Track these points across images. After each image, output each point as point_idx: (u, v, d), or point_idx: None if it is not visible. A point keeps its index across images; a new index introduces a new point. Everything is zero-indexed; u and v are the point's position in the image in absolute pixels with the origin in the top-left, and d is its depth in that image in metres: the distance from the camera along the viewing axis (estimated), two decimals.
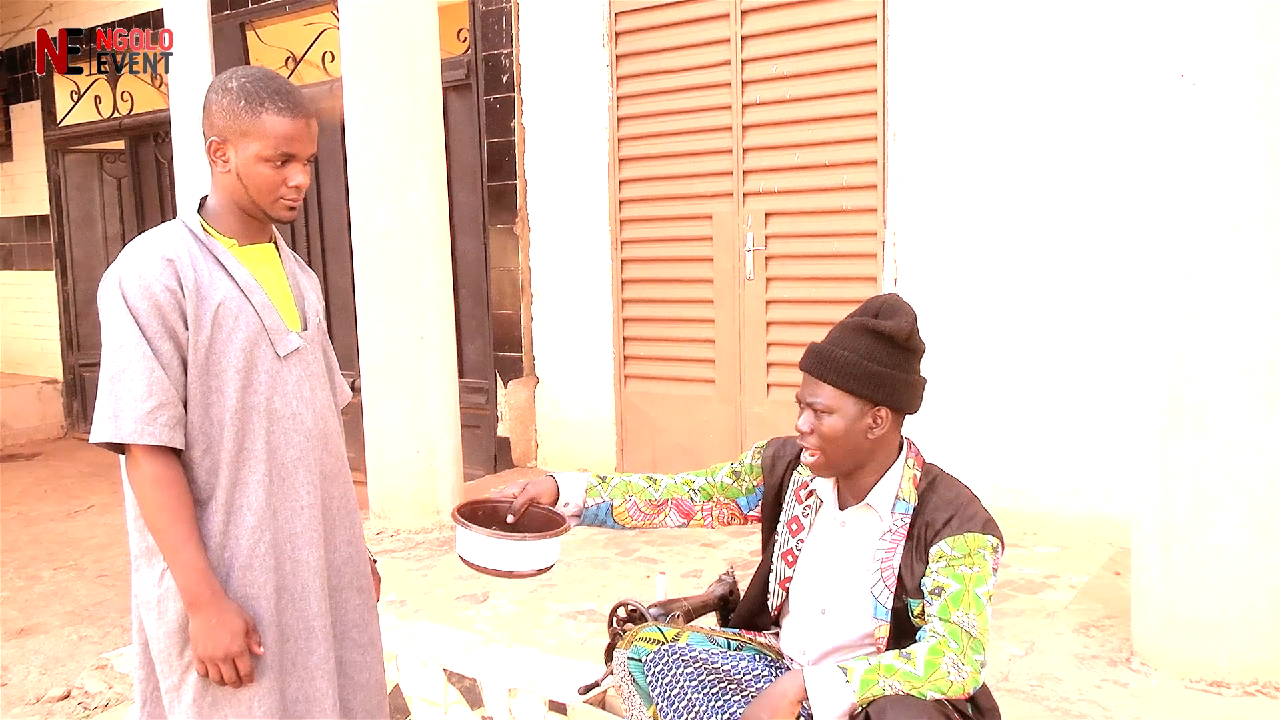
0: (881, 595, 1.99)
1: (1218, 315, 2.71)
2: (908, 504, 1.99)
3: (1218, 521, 2.76)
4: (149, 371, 1.78)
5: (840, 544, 2.06)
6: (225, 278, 1.87)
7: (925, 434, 4.22)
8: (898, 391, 1.96)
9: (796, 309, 4.66)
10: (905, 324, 1.96)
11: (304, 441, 1.94)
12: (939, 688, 1.82)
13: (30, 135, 8.86)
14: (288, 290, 1.99)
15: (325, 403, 2.01)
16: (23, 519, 6.00)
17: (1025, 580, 3.60)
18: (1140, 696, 2.76)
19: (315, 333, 2.01)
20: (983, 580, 1.90)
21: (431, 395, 4.49)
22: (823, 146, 4.53)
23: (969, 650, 1.84)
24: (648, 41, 5.01)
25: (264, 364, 1.89)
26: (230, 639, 1.79)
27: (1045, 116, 4.00)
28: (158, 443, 1.79)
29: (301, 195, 1.91)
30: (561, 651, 3.20)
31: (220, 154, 1.87)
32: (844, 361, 1.94)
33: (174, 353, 1.82)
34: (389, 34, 4.33)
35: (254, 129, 1.84)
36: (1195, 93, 2.69)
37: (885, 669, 1.83)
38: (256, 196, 1.88)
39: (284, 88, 1.89)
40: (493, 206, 5.65)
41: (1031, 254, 4.08)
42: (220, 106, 1.86)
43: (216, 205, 1.93)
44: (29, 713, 3.54)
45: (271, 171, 1.86)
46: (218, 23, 6.66)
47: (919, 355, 2.02)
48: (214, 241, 1.90)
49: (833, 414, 1.95)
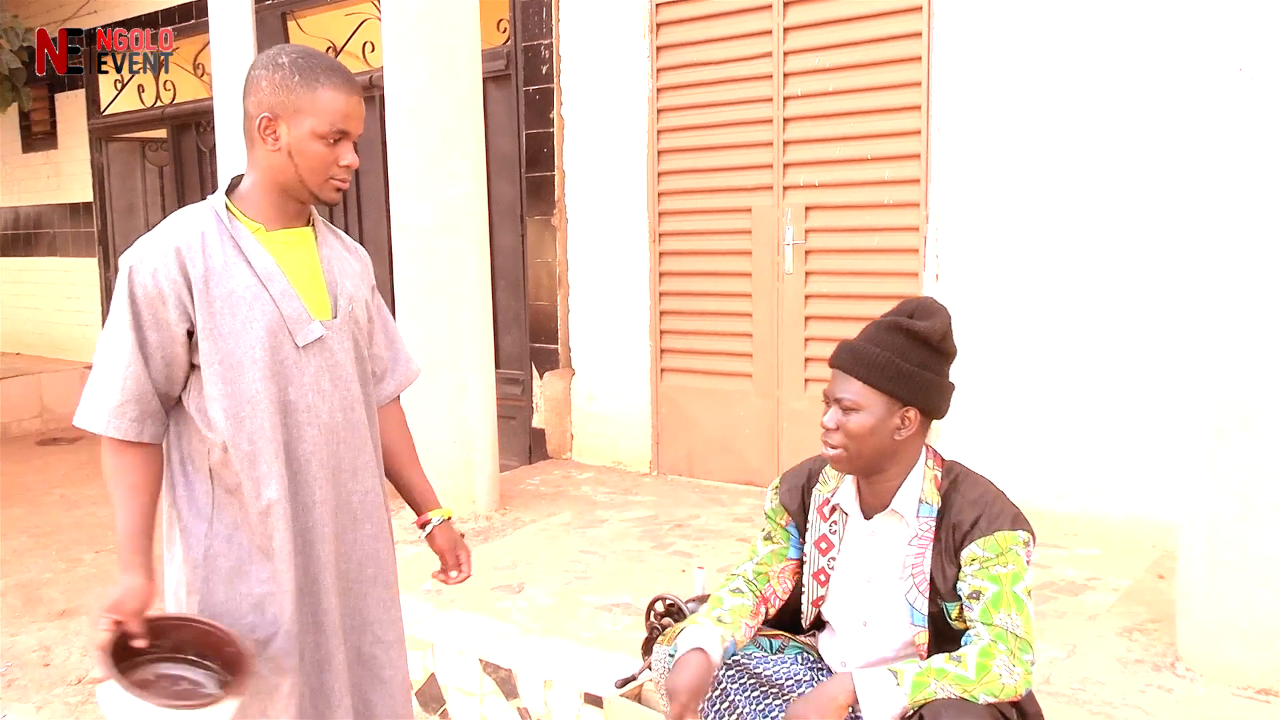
0: (916, 602, 1.97)
1: (1272, 319, 2.65)
2: (931, 506, 1.97)
3: (1267, 527, 2.70)
4: (126, 365, 1.79)
5: (871, 554, 2.04)
6: (243, 265, 1.82)
7: (967, 433, 4.19)
8: (928, 393, 1.94)
9: (836, 304, 4.62)
10: (940, 325, 1.95)
11: (318, 435, 1.89)
12: (991, 690, 1.79)
13: (74, 123, 8.99)
14: (319, 277, 1.91)
15: (347, 395, 1.94)
16: (65, 502, 6.09)
17: (1067, 582, 3.55)
18: (1185, 702, 2.72)
19: (344, 321, 1.93)
20: (1019, 577, 1.87)
21: (469, 387, 4.50)
22: (865, 140, 4.48)
23: (1018, 651, 1.82)
24: (689, 33, 4.98)
25: (281, 354, 1.84)
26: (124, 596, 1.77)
27: (1093, 111, 3.93)
28: (123, 438, 1.81)
29: (350, 175, 1.87)
30: (597, 644, 3.20)
31: (270, 130, 1.81)
32: (876, 358, 1.92)
33: (163, 344, 1.80)
34: (430, 24, 4.33)
35: (309, 104, 1.79)
36: (1254, 87, 2.62)
37: (936, 672, 1.81)
38: (307, 176, 1.83)
39: (336, 64, 1.86)
40: (530, 198, 5.65)
41: (1076, 253, 4.01)
42: (272, 82, 1.80)
43: (253, 187, 1.87)
44: (71, 693, 3.59)
45: (325, 149, 1.81)
46: (260, 12, 6.71)
47: (950, 359, 2.00)
48: (238, 225, 1.85)
49: (861, 411, 1.93)
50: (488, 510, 4.60)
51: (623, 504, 4.76)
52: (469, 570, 2.16)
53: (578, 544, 4.18)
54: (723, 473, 5.06)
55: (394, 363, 2.14)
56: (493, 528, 4.44)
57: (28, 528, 5.57)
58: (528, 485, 5.14)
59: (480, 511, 4.57)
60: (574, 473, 5.36)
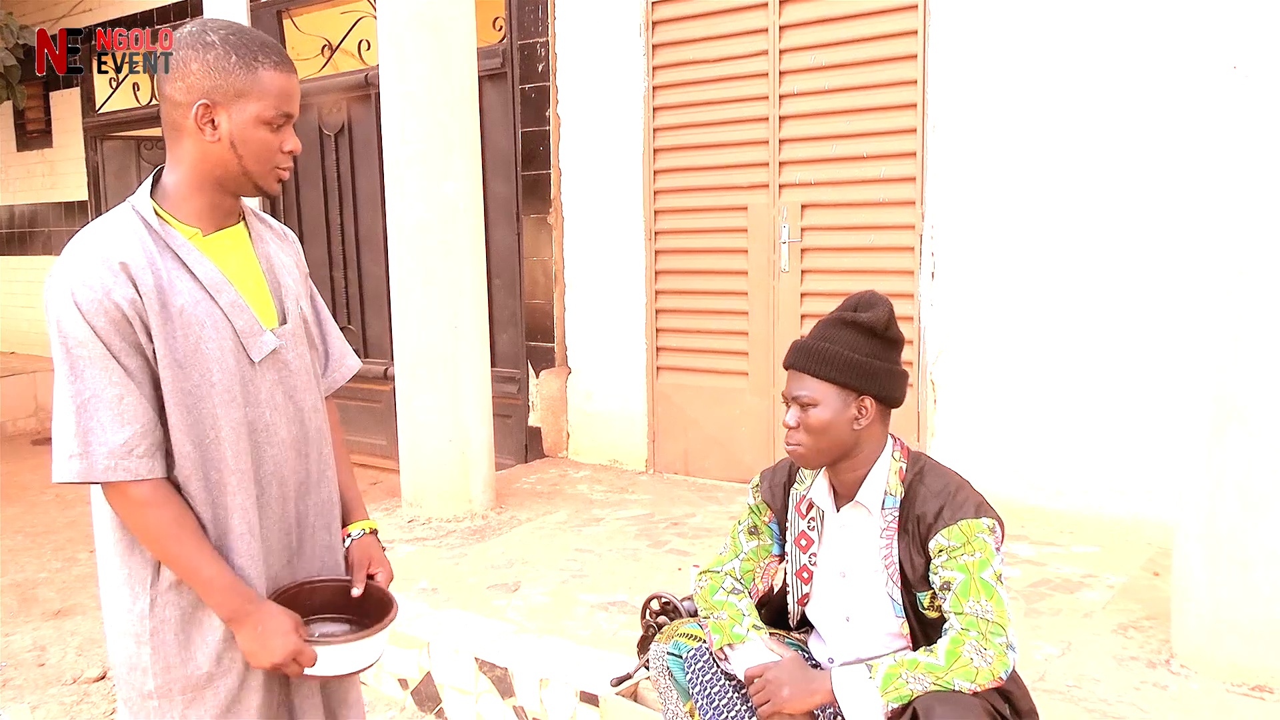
0: (894, 593, 2.00)
1: (1269, 314, 2.65)
2: (895, 498, 2.00)
3: (1266, 524, 2.70)
4: (118, 398, 1.57)
5: (844, 547, 2.06)
6: (187, 277, 1.64)
7: (963, 431, 4.19)
8: (880, 380, 1.99)
9: (832, 302, 4.54)
10: (882, 314, 2.01)
11: (277, 454, 1.75)
12: (966, 676, 1.81)
13: (70, 122, 8.97)
14: (262, 281, 1.76)
15: (304, 405, 1.80)
16: (60, 501, 6.08)
17: (1062, 579, 3.55)
18: (1180, 699, 2.72)
19: (295, 325, 1.79)
20: (987, 564, 1.89)
21: (465, 385, 4.50)
22: (861, 138, 4.48)
23: (990, 635, 1.83)
24: (685, 31, 4.98)
25: (238, 373, 1.68)
26: (283, 641, 1.65)
27: (1089, 109, 3.93)
28: (134, 478, 1.58)
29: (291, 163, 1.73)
30: (593, 642, 3.19)
31: (207, 119, 1.62)
32: (825, 353, 1.98)
33: (143, 369, 1.60)
34: (426, 22, 4.32)
35: (252, 88, 1.62)
36: (1248, 85, 2.62)
37: (909, 664, 1.84)
38: (252, 166, 1.66)
39: (270, 40, 1.69)
40: (527, 196, 5.64)
41: (1072, 249, 4.02)
42: (205, 64, 1.61)
43: (181, 185, 1.67)
44: (66, 693, 3.59)
45: (270, 135, 1.65)
46: (255, 10, 6.71)
47: (899, 346, 2.06)
48: (172, 233, 1.65)
49: (818, 406, 1.97)
50: (484, 509, 4.60)
51: (619, 502, 4.76)
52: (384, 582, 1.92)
53: (574, 542, 4.18)
54: (719, 471, 5.06)
55: (329, 358, 1.96)
56: (489, 526, 4.44)
57: (23, 527, 5.56)
58: (524, 484, 5.14)
59: (476, 510, 4.57)
60: (570, 471, 5.36)
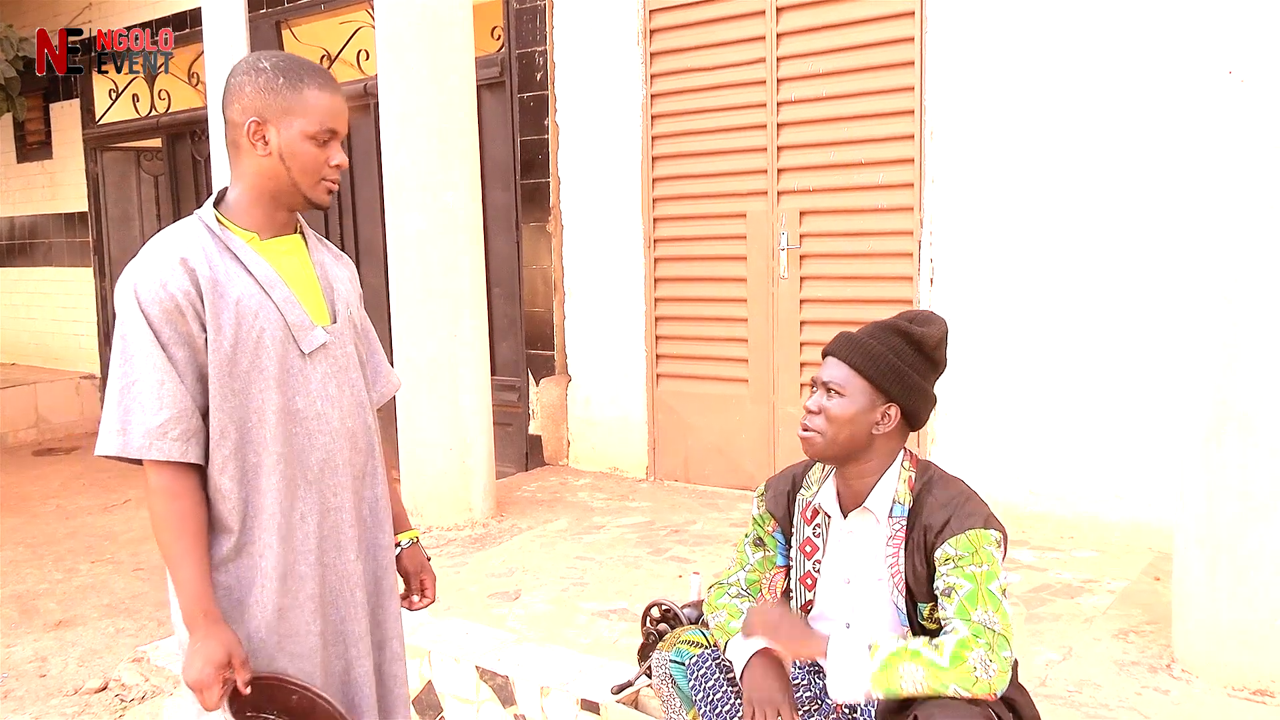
0: (899, 602, 1.99)
1: (1266, 318, 2.66)
2: (903, 506, 2.00)
3: (1265, 528, 2.70)
4: (159, 383, 1.71)
5: (850, 554, 2.06)
6: (243, 274, 1.79)
7: (963, 437, 4.19)
8: (913, 394, 1.99)
9: (831, 308, 4.63)
10: (935, 332, 2.00)
11: (330, 442, 1.86)
12: (963, 682, 1.78)
13: (69, 133, 8.98)
14: (315, 282, 1.90)
15: (354, 400, 1.92)
16: (61, 512, 6.08)
17: (1063, 584, 3.55)
18: (1182, 704, 2.72)
19: (344, 326, 1.92)
20: (994, 575, 1.88)
21: (465, 394, 4.51)
22: (859, 145, 4.49)
23: (996, 648, 1.81)
24: (682, 39, 4.99)
25: (288, 363, 1.81)
26: (202, 667, 1.70)
27: (1086, 115, 3.94)
28: (166, 458, 1.71)
29: (339, 176, 1.86)
30: (594, 651, 3.19)
31: (259, 135, 1.78)
32: (869, 348, 1.98)
33: (189, 360, 1.74)
34: (425, 32, 4.34)
35: (297, 105, 1.78)
36: (1244, 90, 2.63)
37: (911, 654, 1.81)
38: (300, 178, 1.81)
39: (316, 65, 1.87)
40: (525, 205, 5.65)
41: (1071, 254, 4.02)
42: (257, 86, 1.78)
43: (241, 197, 1.84)
44: (67, 704, 3.58)
45: (316, 150, 1.80)
46: (254, 21, 6.72)
47: (940, 370, 2.05)
48: (231, 236, 1.81)
49: (845, 396, 1.97)
50: (484, 517, 4.60)
51: (619, 510, 4.76)
52: (433, 595, 2.13)
53: (574, 550, 4.18)
54: (719, 478, 5.06)
55: (375, 375, 2.10)
56: (489, 535, 4.44)
57: (24, 538, 5.56)
58: (524, 492, 5.14)
59: (477, 518, 4.57)
60: (570, 479, 5.36)
